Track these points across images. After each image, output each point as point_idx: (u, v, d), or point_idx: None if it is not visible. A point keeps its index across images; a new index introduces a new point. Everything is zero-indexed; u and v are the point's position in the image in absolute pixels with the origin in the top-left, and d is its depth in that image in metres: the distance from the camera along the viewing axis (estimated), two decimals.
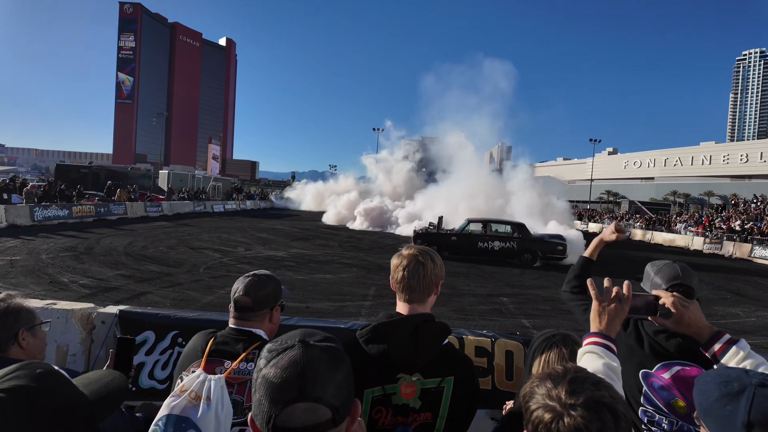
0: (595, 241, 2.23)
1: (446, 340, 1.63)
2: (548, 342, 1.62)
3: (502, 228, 17.50)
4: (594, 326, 1.46)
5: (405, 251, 1.67)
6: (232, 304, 1.62)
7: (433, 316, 1.61)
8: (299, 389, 0.79)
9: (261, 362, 0.85)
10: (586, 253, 2.24)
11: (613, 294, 1.49)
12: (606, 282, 1.52)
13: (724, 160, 48.46)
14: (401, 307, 1.63)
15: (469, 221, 17.65)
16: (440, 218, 19.12)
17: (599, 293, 1.50)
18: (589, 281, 1.56)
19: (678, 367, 1.71)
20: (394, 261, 1.66)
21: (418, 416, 1.53)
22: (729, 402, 0.99)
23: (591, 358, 1.36)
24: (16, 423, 0.82)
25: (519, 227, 17.20)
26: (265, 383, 0.81)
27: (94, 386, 1.02)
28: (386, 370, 1.51)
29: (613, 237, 2.14)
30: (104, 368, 1.73)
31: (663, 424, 1.70)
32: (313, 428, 0.79)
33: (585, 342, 1.43)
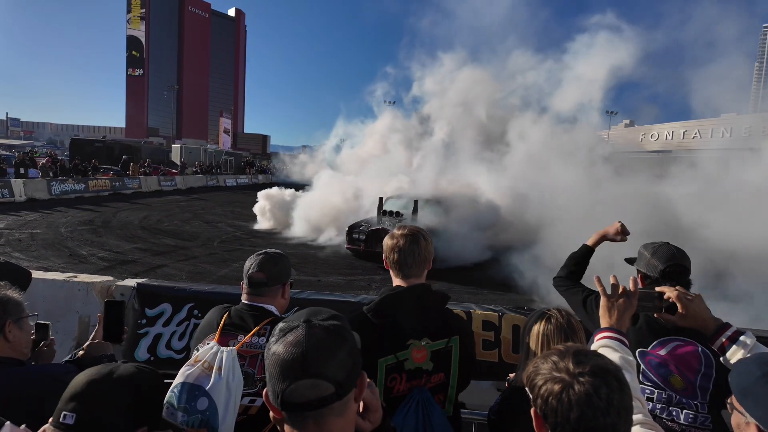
0: (600, 233, 2.25)
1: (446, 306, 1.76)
2: (543, 317, 1.67)
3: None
4: (605, 321, 1.49)
5: (398, 231, 1.76)
6: (245, 281, 1.68)
7: (430, 285, 1.71)
8: (302, 367, 0.85)
9: (272, 341, 0.91)
10: (589, 242, 2.26)
11: (621, 290, 1.52)
12: (612, 279, 1.55)
13: (745, 133, 47.05)
14: (399, 283, 1.72)
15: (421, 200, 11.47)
16: (416, 203, 11.54)
17: (606, 290, 1.53)
18: (596, 278, 1.59)
19: (675, 344, 1.74)
20: (388, 242, 1.75)
21: (431, 378, 1.64)
22: None
23: (606, 352, 1.38)
24: (145, 389, 1.12)
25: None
26: (274, 361, 0.88)
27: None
28: (396, 339, 1.60)
29: (617, 238, 2.16)
30: (92, 334, 1.78)
31: (662, 399, 1.74)
32: (317, 402, 0.85)
33: (597, 337, 1.45)
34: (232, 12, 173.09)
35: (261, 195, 16.30)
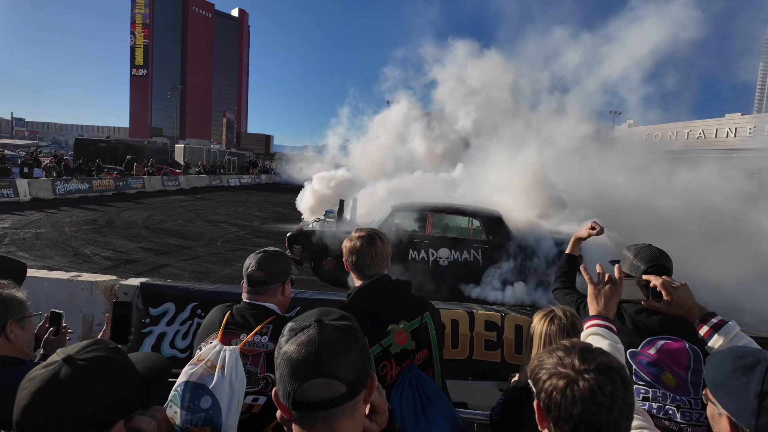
0: (572, 239, 2.32)
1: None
2: (547, 317, 1.68)
3: (460, 223, 8.50)
4: (592, 309, 1.51)
5: (355, 234, 1.86)
6: (245, 279, 1.70)
7: (390, 276, 1.84)
8: (315, 366, 0.85)
9: (282, 340, 0.91)
10: (568, 250, 2.33)
11: (606, 277, 1.54)
12: (598, 268, 1.58)
13: (750, 133, 46.82)
14: (363, 281, 1.82)
15: (395, 210, 8.50)
16: (341, 203, 9.77)
17: (593, 277, 1.55)
18: (582, 267, 1.61)
19: (662, 342, 1.76)
20: (346, 245, 1.85)
21: (416, 356, 1.75)
22: (743, 374, 1.02)
23: (596, 340, 1.41)
24: (96, 387, 0.93)
25: (491, 222, 8.13)
26: (285, 361, 0.87)
27: (141, 364, 1.10)
28: (377, 328, 1.69)
29: (584, 234, 2.24)
30: (100, 334, 1.79)
31: (657, 398, 1.75)
32: (330, 402, 0.85)
33: (587, 325, 1.48)
34: (235, 12, 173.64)
35: (318, 177, 14.30)
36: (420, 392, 1.63)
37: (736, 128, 47.97)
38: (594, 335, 1.43)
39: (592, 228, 2.20)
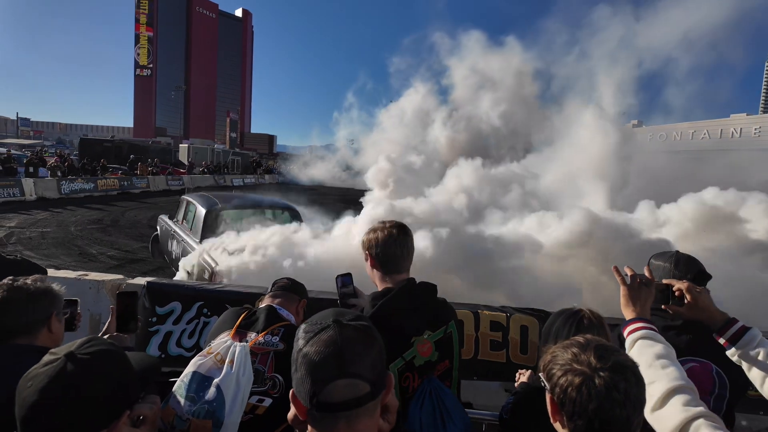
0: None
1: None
2: (574, 317, 1.59)
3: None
4: (630, 312, 1.46)
5: (380, 224, 1.70)
6: (270, 287, 1.85)
7: (415, 280, 1.69)
8: (338, 367, 0.85)
9: (300, 342, 0.90)
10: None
11: (638, 279, 1.50)
12: (628, 270, 1.53)
13: (755, 133, 46.51)
14: (387, 282, 1.68)
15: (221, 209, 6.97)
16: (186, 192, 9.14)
17: (625, 280, 1.51)
18: (613, 267, 1.56)
19: (690, 365, 1.69)
20: (371, 236, 1.68)
21: (437, 366, 1.66)
22: None
23: (646, 344, 1.35)
24: (104, 380, 0.97)
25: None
26: (306, 362, 0.86)
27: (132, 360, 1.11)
28: (400, 340, 1.59)
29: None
30: (105, 325, 1.81)
31: None
32: (355, 402, 0.85)
33: (629, 329, 1.42)
34: (239, 12, 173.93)
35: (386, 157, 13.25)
36: (440, 405, 1.57)
37: (741, 128, 47.68)
38: (643, 339, 1.37)
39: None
